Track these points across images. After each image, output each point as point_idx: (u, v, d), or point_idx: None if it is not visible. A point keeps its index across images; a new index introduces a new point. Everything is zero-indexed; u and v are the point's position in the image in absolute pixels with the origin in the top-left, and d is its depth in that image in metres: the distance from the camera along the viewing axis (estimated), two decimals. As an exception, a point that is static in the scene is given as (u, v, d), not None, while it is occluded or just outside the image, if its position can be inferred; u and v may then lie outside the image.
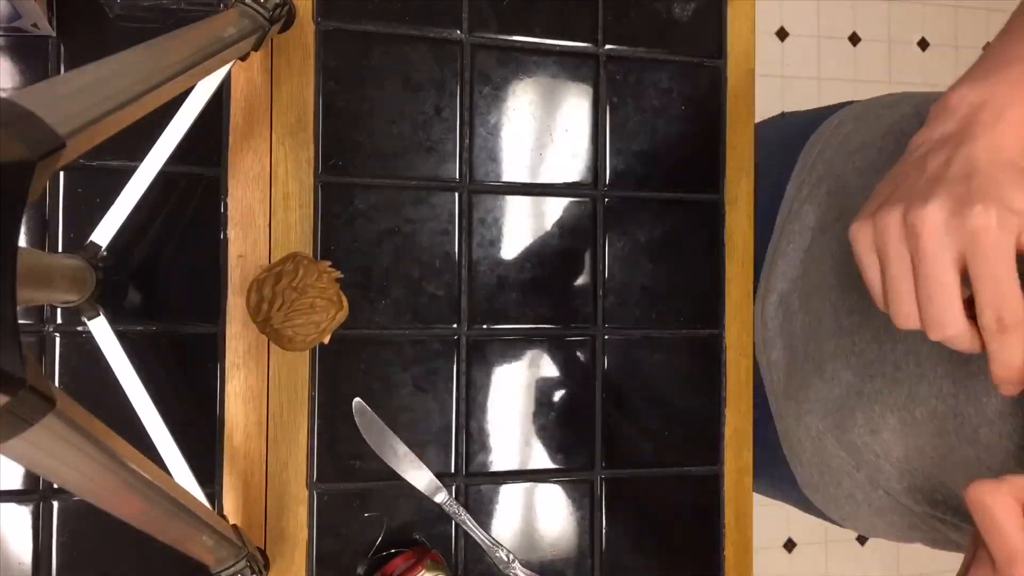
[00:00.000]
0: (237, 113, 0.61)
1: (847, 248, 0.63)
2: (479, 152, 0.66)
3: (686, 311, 0.70)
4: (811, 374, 0.65)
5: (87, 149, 0.33)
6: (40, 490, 0.57)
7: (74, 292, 0.47)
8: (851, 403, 0.62)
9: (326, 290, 0.59)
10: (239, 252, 0.61)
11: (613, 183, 0.69)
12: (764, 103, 0.81)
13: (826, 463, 0.67)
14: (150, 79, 0.37)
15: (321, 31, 0.62)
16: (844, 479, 0.66)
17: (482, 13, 0.66)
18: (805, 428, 0.67)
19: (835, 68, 1.94)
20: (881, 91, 1.99)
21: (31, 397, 0.27)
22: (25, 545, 0.57)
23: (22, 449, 0.29)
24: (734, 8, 0.72)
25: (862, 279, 0.47)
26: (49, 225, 0.57)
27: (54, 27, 0.57)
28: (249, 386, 0.61)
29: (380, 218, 0.63)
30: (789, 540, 1.91)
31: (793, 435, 0.69)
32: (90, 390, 0.57)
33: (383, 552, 0.62)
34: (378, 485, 0.63)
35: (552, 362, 0.67)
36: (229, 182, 0.61)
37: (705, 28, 0.71)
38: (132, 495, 0.37)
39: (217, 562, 0.48)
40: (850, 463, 0.64)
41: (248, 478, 0.61)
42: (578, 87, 0.68)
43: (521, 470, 0.66)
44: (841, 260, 0.63)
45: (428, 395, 0.64)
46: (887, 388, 0.58)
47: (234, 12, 0.51)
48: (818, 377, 0.65)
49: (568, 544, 0.67)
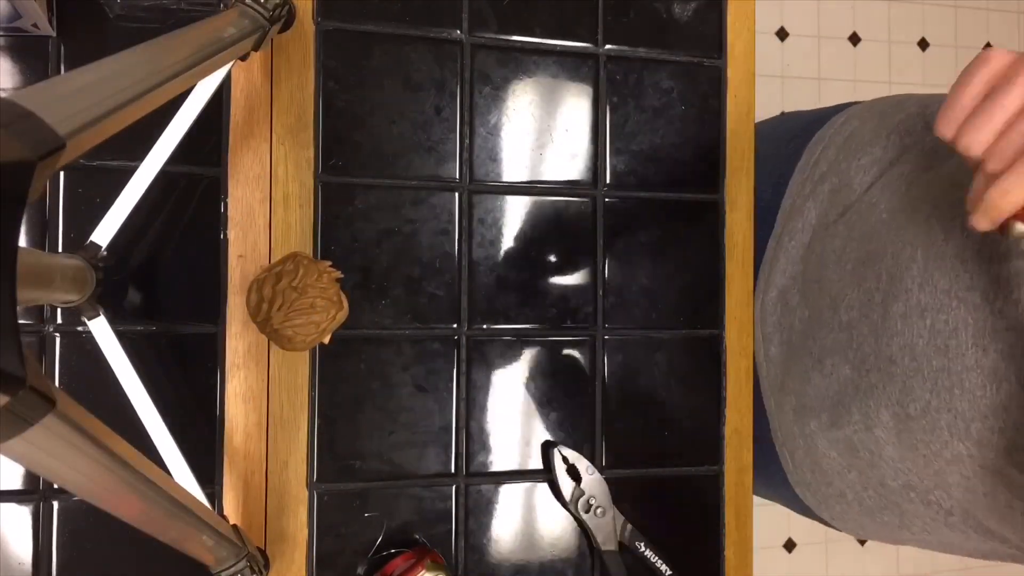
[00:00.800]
0: (237, 113, 0.61)
1: (848, 244, 0.63)
2: (479, 152, 0.66)
3: (686, 311, 0.70)
4: (810, 368, 0.66)
5: (87, 149, 0.33)
6: (40, 490, 0.57)
7: (74, 292, 0.47)
8: (847, 398, 0.62)
9: (326, 290, 0.59)
10: (239, 252, 0.61)
11: (613, 183, 0.69)
12: (764, 103, 0.80)
13: (817, 463, 0.67)
14: (150, 79, 0.37)
15: (321, 31, 0.62)
16: (835, 479, 0.66)
17: (482, 13, 0.66)
18: (800, 425, 0.67)
19: (835, 68, 1.94)
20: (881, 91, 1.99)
21: (31, 397, 0.27)
22: (25, 545, 0.57)
23: (22, 449, 0.29)
24: (734, 8, 0.72)
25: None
26: (49, 225, 0.57)
27: (54, 27, 0.57)
28: (249, 386, 0.61)
29: (380, 218, 0.63)
30: (789, 540, 1.91)
31: (787, 432, 0.70)
32: (90, 390, 0.57)
33: (383, 552, 0.62)
34: (378, 485, 0.63)
35: (552, 362, 0.67)
36: (229, 182, 0.61)
37: (705, 28, 0.71)
38: (132, 495, 0.37)
39: (217, 562, 0.48)
40: (841, 463, 0.65)
41: (248, 478, 0.61)
42: (578, 87, 0.68)
43: (521, 470, 0.66)
44: (843, 256, 0.63)
45: (428, 395, 0.64)
46: (882, 383, 0.58)
47: (234, 12, 0.51)
48: (817, 372, 0.65)
49: (568, 544, 0.67)
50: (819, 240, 0.67)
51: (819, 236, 0.67)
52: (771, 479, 0.75)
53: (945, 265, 0.54)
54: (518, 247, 0.66)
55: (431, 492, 0.64)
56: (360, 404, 0.63)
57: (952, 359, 0.53)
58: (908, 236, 0.57)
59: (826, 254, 0.65)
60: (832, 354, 0.63)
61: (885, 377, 0.58)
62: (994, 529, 0.57)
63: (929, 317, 0.55)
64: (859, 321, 0.60)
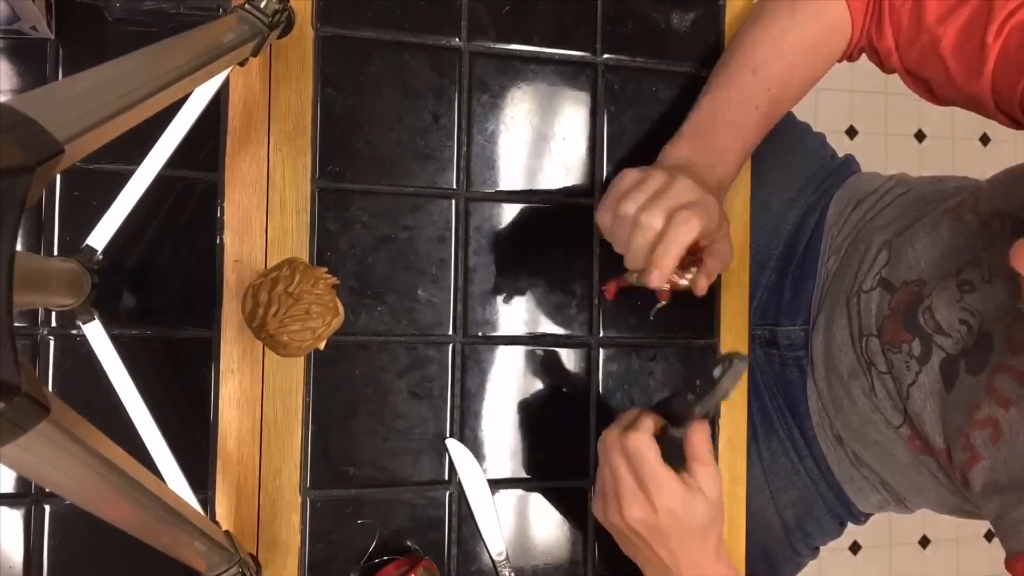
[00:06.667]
0: (235, 118, 0.61)
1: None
2: (477, 160, 0.66)
3: (681, 321, 0.70)
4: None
5: (85, 154, 0.33)
6: (32, 494, 0.57)
7: (69, 296, 0.47)
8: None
9: (322, 296, 0.59)
10: (235, 257, 0.61)
11: (610, 192, 0.69)
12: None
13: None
14: (149, 85, 0.37)
15: (320, 37, 0.62)
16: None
17: (481, 21, 0.66)
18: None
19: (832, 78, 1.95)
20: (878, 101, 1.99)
21: (26, 403, 0.27)
22: (16, 549, 0.57)
23: (15, 455, 0.29)
24: (732, 18, 0.72)
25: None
26: (45, 228, 0.57)
27: (53, 30, 0.57)
28: (243, 391, 0.61)
29: (377, 225, 0.63)
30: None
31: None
32: (84, 394, 0.57)
33: (376, 559, 0.62)
34: (371, 492, 0.63)
35: (547, 370, 0.67)
36: (226, 187, 0.60)
37: (703, 38, 0.71)
38: (125, 501, 0.37)
39: (209, 568, 0.48)
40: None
41: (241, 484, 0.61)
42: (576, 95, 0.68)
43: (515, 478, 0.66)
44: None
45: (423, 401, 0.64)
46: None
47: (233, 18, 0.51)
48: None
49: (561, 552, 0.67)
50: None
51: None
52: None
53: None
54: (514, 255, 0.66)
55: (424, 499, 0.64)
56: (354, 410, 0.63)
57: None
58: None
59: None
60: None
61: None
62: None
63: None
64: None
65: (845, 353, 0.70)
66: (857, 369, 0.69)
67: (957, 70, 0.59)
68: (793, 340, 0.78)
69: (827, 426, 0.76)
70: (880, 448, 0.70)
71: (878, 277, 0.68)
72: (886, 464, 0.71)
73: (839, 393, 0.72)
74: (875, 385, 0.67)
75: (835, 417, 0.74)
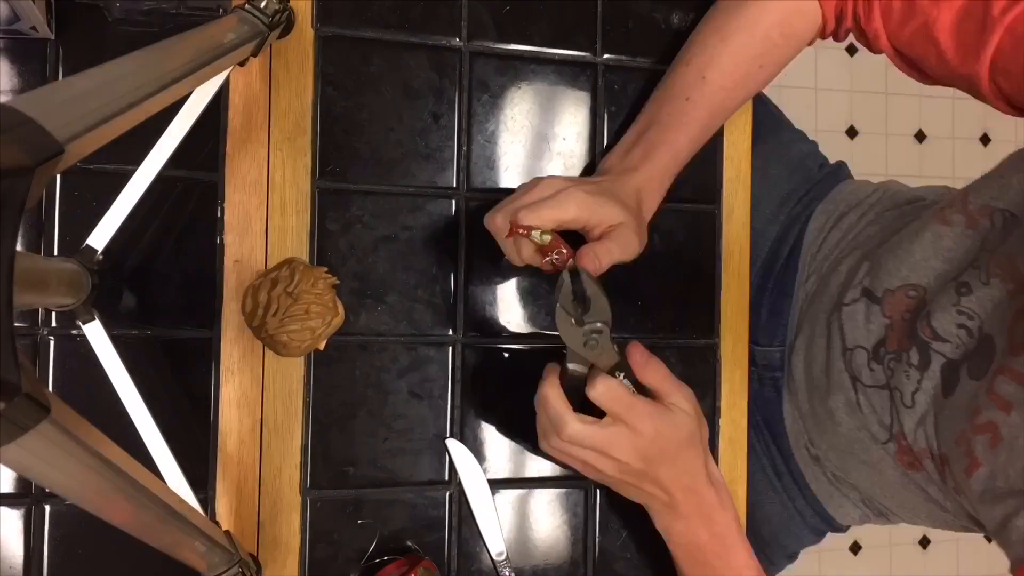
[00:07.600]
0: (235, 118, 0.61)
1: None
2: (477, 160, 0.66)
3: (682, 320, 0.70)
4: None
5: (86, 154, 0.33)
6: (32, 494, 0.57)
7: (69, 296, 0.47)
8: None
9: (322, 296, 0.59)
10: (235, 257, 0.61)
11: (610, 192, 0.69)
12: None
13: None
14: (149, 85, 0.37)
15: (320, 37, 0.62)
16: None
17: (481, 21, 0.66)
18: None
19: (832, 79, 1.95)
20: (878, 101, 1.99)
21: (26, 403, 0.27)
22: (16, 549, 0.57)
23: (16, 455, 0.29)
24: (732, 19, 0.72)
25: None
26: (45, 228, 0.57)
27: (53, 30, 0.57)
28: (243, 392, 0.61)
29: (377, 225, 0.63)
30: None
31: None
32: (84, 394, 0.57)
33: (376, 559, 0.62)
34: (371, 492, 0.63)
35: (547, 370, 0.67)
36: (226, 187, 0.61)
37: (703, 39, 0.71)
38: (125, 501, 0.37)
39: (209, 568, 0.48)
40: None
41: (241, 484, 0.61)
42: (576, 95, 0.68)
43: (515, 478, 0.66)
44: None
45: (423, 402, 0.64)
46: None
47: (234, 18, 0.51)
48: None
49: (561, 553, 0.67)
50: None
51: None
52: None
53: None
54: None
55: (424, 499, 0.64)
56: (354, 411, 0.63)
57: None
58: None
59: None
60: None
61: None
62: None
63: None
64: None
65: (827, 372, 0.70)
66: (840, 386, 0.68)
67: (953, 51, 0.58)
68: (769, 361, 0.77)
69: (804, 445, 0.76)
70: (868, 467, 0.69)
71: (860, 288, 0.67)
72: (875, 483, 0.70)
73: (821, 414, 0.71)
74: (860, 400, 0.66)
75: (819, 437, 0.73)
